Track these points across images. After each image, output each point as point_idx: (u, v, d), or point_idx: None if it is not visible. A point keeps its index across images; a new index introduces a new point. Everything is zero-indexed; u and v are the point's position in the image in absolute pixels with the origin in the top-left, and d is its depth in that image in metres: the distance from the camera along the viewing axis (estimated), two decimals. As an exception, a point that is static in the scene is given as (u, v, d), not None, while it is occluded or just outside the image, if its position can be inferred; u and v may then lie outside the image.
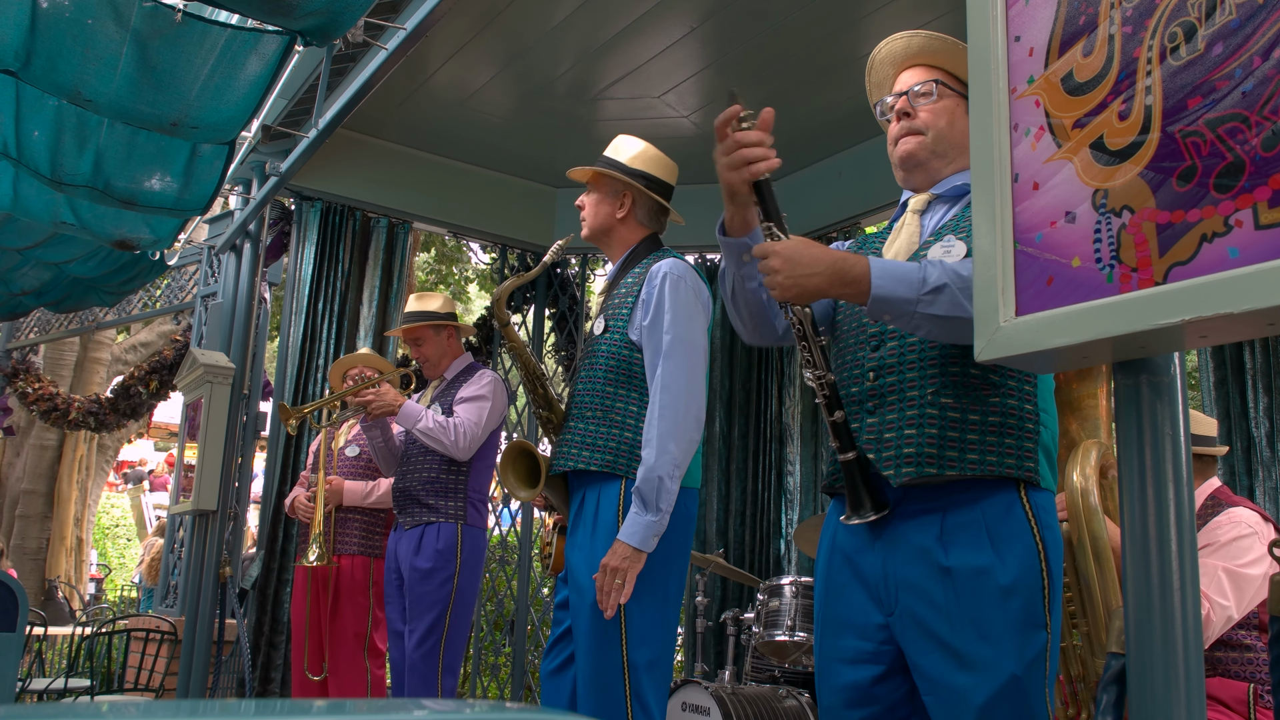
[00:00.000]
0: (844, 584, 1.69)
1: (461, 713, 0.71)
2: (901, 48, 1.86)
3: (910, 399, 1.60)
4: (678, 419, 2.34)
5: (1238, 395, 3.77)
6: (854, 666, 1.64)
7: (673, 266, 2.49)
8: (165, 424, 17.16)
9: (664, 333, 2.38)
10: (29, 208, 3.91)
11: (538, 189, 5.79)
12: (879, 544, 1.63)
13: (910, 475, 1.57)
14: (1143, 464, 1.12)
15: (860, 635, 1.64)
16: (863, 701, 1.63)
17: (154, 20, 2.76)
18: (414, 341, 3.68)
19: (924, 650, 1.55)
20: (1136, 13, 1.03)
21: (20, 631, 2.40)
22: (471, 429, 3.40)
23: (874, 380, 1.66)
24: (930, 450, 1.56)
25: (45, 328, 7.27)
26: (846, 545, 1.69)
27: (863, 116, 4.89)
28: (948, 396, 1.57)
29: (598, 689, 2.31)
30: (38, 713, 0.63)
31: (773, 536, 5.30)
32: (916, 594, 1.57)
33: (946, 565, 1.54)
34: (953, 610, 1.52)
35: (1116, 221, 1.02)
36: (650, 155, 2.65)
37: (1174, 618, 1.08)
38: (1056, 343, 1.05)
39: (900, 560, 1.60)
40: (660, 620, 2.37)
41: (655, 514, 2.27)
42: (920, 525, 1.59)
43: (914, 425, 1.58)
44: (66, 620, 8.14)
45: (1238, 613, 2.38)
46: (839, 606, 1.69)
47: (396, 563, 3.51)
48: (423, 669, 3.32)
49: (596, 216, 2.60)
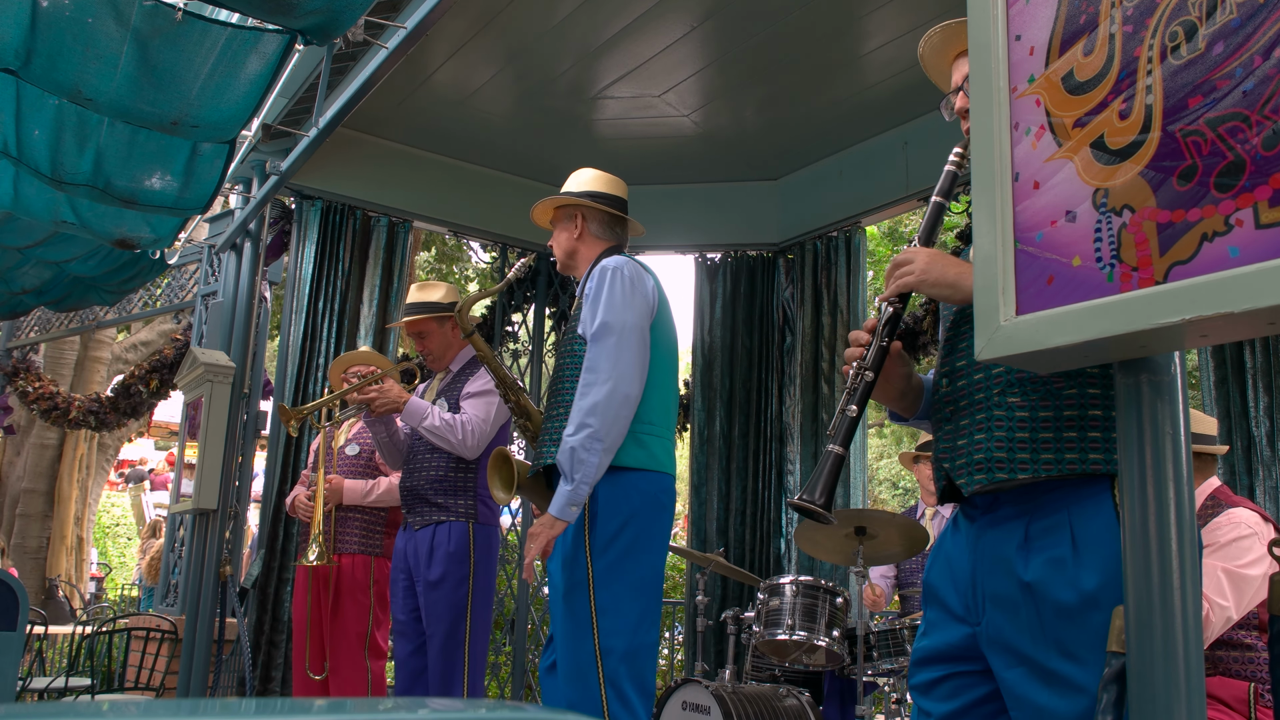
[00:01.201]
0: (939, 587, 1.65)
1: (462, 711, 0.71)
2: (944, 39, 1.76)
3: (978, 402, 1.55)
4: (599, 397, 2.41)
5: (1238, 394, 3.77)
6: (938, 678, 1.61)
7: (611, 261, 2.60)
8: (166, 423, 17.17)
9: (595, 319, 2.49)
10: (29, 207, 3.90)
11: (538, 188, 5.79)
12: (971, 552, 1.58)
13: (981, 482, 1.51)
14: (1143, 463, 1.12)
15: (947, 653, 1.60)
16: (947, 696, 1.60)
17: (154, 19, 2.75)
18: (417, 335, 3.60)
19: (1007, 665, 1.48)
20: (1137, 12, 1.02)
21: (21, 630, 2.41)
22: (479, 426, 3.31)
23: (947, 387, 1.63)
24: (999, 454, 1.49)
25: (45, 327, 7.27)
26: (950, 550, 1.65)
27: (863, 116, 4.92)
28: (1014, 395, 1.50)
29: (572, 678, 2.37)
30: (38, 712, 0.63)
31: (773, 536, 5.30)
32: (1000, 607, 1.50)
33: (1026, 580, 1.45)
34: (1034, 625, 1.44)
35: (1117, 221, 1.02)
36: (595, 176, 2.82)
37: (1174, 617, 1.08)
38: (1057, 342, 1.05)
39: (985, 570, 1.54)
40: (633, 608, 2.41)
41: (569, 484, 2.38)
42: (1006, 533, 1.51)
43: (982, 430, 1.53)
44: (67, 619, 8.14)
45: (1237, 613, 2.38)
46: (930, 610, 1.66)
47: (406, 562, 3.44)
48: (446, 673, 3.27)
49: (560, 245, 2.79)
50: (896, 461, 17.43)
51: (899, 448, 16.01)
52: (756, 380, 5.49)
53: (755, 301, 5.57)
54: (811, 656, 3.51)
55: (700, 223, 5.71)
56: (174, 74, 2.96)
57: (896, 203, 5.00)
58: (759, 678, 3.94)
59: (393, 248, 5.26)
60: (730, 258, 5.64)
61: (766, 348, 5.51)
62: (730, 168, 5.46)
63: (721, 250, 5.67)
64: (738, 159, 5.36)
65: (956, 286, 1.53)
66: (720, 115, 4.89)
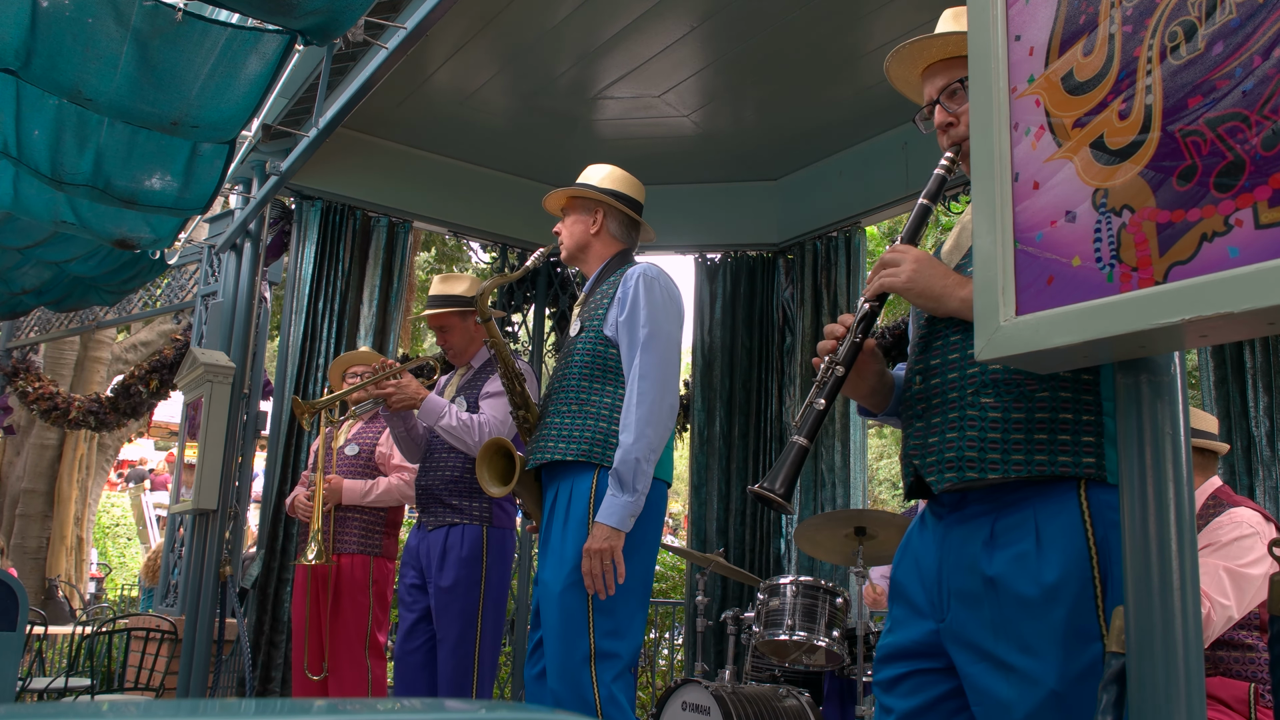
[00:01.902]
0: (906, 584, 1.66)
1: (461, 711, 0.71)
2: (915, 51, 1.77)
3: (951, 401, 1.56)
4: (655, 406, 2.41)
5: (1238, 394, 3.77)
6: (904, 673, 1.62)
7: (647, 268, 2.60)
8: (165, 423, 17.17)
9: (640, 326, 2.48)
10: (29, 207, 3.90)
11: (538, 188, 5.78)
12: (938, 549, 1.59)
13: (951, 480, 1.53)
14: (1143, 463, 1.12)
15: (911, 650, 1.61)
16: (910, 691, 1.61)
17: (154, 19, 2.75)
18: (439, 329, 3.52)
19: (970, 660, 1.50)
20: (1137, 12, 1.02)
21: (20, 631, 2.40)
22: (498, 428, 3.19)
23: (921, 384, 1.63)
24: (970, 454, 1.51)
25: (45, 327, 7.27)
26: (917, 547, 1.66)
27: (863, 116, 4.92)
28: (987, 396, 1.52)
29: (564, 678, 2.35)
30: (38, 712, 0.63)
31: (773, 536, 5.30)
32: (964, 603, 1.52)
33: (990, 575, 1.48)
34: (996, 620, 1.46)
35: (1117, 221, 1.02)
36: (618, 175, 2.78)
37: (1174, 617, 1.08)
38: (1057, 342, 1.05)
39: (951, 566, 1.55)
40: (626, 610, 2.41)
41: (632, 494, 2.35)
42: (972, 529, 1.53)
43: (954, 429, 1.54)
44: (67, 619, 8.14)
45: (1238, 612, 2.38)
46: (896, 607, 1.67)
47: (418, 560, 3.39)
48: (456, 676, 3.24)
49: (572, 235, 2.75)
50: (897, 461, 17.43)
51: (899, 448, 15.99)
52: (756, 380, 5.49)
53: (755, 302, 5.57)
54: (811, 657, 3.51)
55: (700, 223, 5.70)
56: (174, 74, 2.96)
57: (896, 203, 5.00)
58: (759, 678, 3.94)
59: (393, 248, 5.26)
60: (730, 258, 5.64)
61: (766, 348, 5.51)
62: (730, 168, 5.46)
63: (721, 250, 5.67)
64: (738, 159, 5.36)
65: (940, 301, 1.54)
66: (720, 115, 4.89)
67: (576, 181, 2.79)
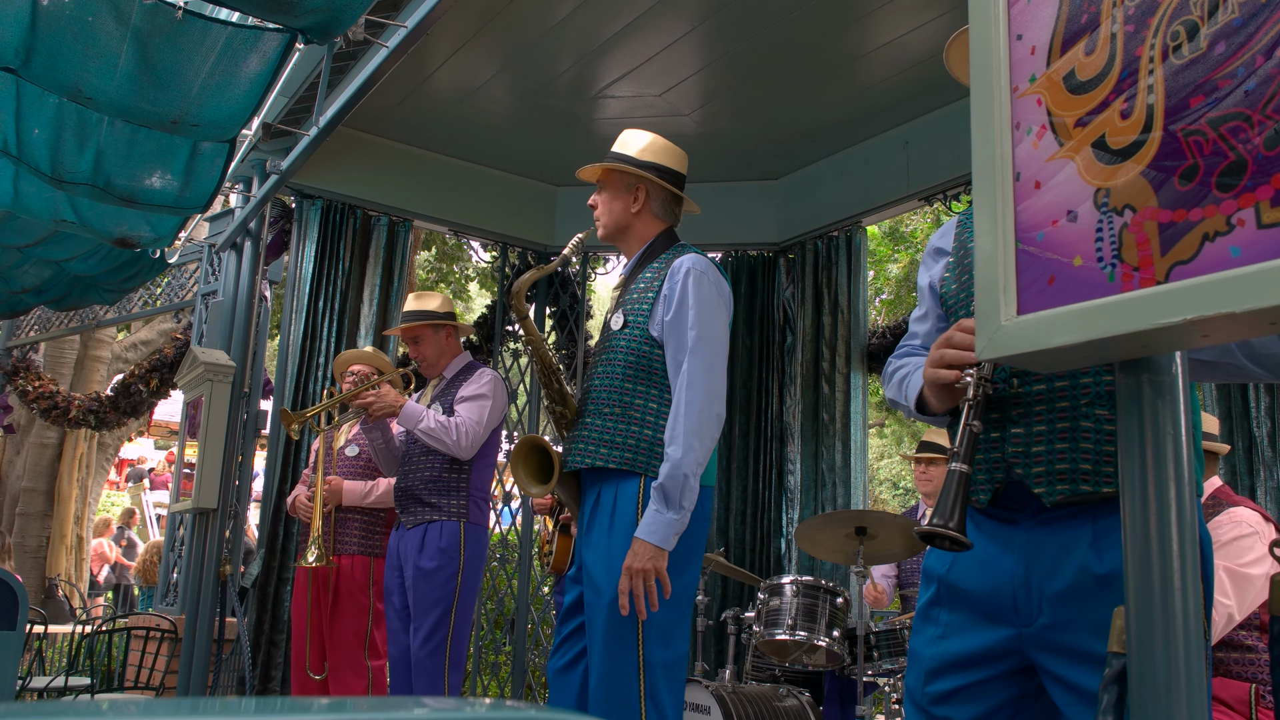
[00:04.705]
0: (970, 589, 1.56)
1: (462, 711, 0.71)
2: None
3: (1061, 410, 1.49)
4: (703, 416, 2.28)
5: (1239, 395, 3.77)
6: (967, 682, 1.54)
7: (695, 262, 2.44)
8: (166, 422, 17.16)
9: (688, 329, 2.34)
10: (29, 205, 3.90)
11: (538, 187, 5.79)
12: (1022, 553, 1.51)
13: (1064, 493, 1.46)
14: (1144, 463, 1.12)
15: (979, 656, 1.54)
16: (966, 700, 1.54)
17: (154, 18, 2.75)
18: (412, 341, 3.69)
19: (1068, 664, 1.43)
20: (1139, 11, 1.02)
21: (20, 629, 2.40)
22: (473, 428, 3.41)
23: (1019, 386, 1.54)
24: (1085, 466, 1.45)
25: (45, 326, 7.27)
26: (984, 551, 1.56)
27: (863, 116, 4.92)
28: (1102, 408, 1.46)
29: (611, 689, 2.26)
30: (38, 711, 0.63)
31: (773, 536, 5.30)
32: (1066, 606, 1.44)
33: (1102, 574, 1.41)
34: (1104, 620, 1.39)
35: (1118, 220, 1.02)
36: (660, 146, 2.57)
37: (1175, 618, 1.08)
38: (1058, 342, 1.05)
39: (1045, 570, 1.47)
40: (676, 620, 2.32)
41: (678, 512, 2.23)
42: (1071, 531, 1.47)
43: (1065, 439, 1.47)
44: (66, 618, 8.14)
45: (1239, 612, 2.38)
46: (952, 614, 1.58)
47: (399, 560, 3.51)
48: (429, 667, 3.33)
49: (611, 214, 2.54)
50: (897, 461, 17.44)
51: (899, 448, 16.01)
52: (756, 380, 5.48)
53: (755, 301, 5.57)
54: (811, 656, 3.51)
55: (700, 222, 5.69)
56: (174, 73, 2.96)
57: (897, 202, 5.00)
58: (759, 678, 3.94)
59: (393, 247, 5.26)
60: (731, 257, 5.63)
61: (767, 347, 5.51)
62: (731, 167, 5.46)
63: (722, 250, 5.67)
64: (738, 158, 5.36)
65: None
66: (720, 115, 4.89)
67: (613, 150, 2.56)
